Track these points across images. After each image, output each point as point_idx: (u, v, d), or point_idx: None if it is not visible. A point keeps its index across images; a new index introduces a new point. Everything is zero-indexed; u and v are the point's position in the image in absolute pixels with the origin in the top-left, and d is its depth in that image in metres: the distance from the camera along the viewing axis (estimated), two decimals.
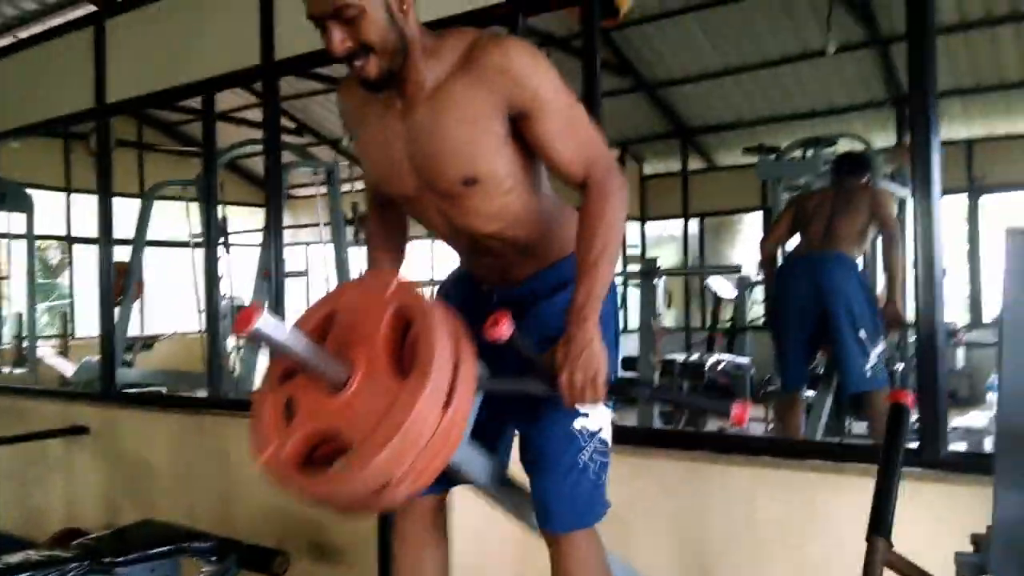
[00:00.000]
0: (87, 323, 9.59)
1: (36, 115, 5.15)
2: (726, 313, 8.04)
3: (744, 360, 6.68)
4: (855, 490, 1.74)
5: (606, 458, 1.66)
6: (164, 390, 5.98)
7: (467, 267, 1.82)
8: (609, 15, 3.97)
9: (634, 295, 8.12)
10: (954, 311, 7.44)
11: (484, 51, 1.47)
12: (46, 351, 7.75)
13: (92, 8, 4.85)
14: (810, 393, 4.39)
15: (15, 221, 7.72)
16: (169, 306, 9.79)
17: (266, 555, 2.70)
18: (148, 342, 8.17)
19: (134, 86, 4.51)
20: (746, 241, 9.85)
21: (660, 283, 4.81)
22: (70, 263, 9.95)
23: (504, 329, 1.40)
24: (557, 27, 6.16)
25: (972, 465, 2.14)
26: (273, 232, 3.96)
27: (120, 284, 5.62)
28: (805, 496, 2.36)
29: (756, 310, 7.63)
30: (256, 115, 7.81)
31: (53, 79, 5.04)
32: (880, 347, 3.95)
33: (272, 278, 3.95)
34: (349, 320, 1.40)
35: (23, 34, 5.69)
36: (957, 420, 4.00)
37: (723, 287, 7.88)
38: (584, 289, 1.49)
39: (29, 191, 7.61)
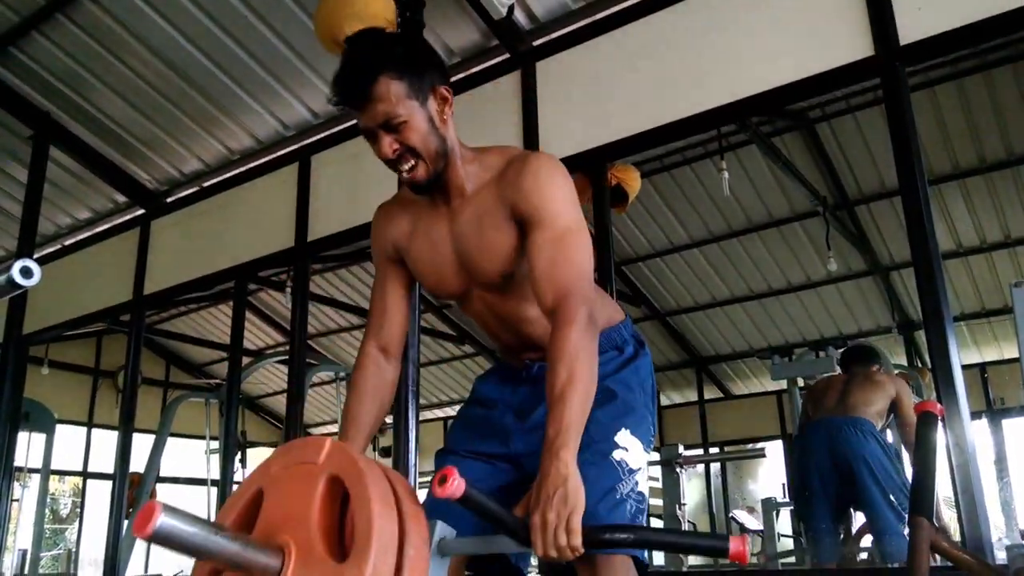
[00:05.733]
0: (91, 567, 9.32)
1: (78, 311, 5.50)
2: (755, 546, 7.71)
3: None
4: None
5: (643, 505, 1.58)
6: None
7: (508, 356, 1.85)
8: (618, 202, 4.25)
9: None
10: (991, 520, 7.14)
11: (513, 163, 1.64)
12: None
13: (139, 212, 5.40)
14: None
15: (34, 444, 7.66)
16: None
17: None
18: None
19: (171, 277, 4.90)
20: (769, 473, 9.68)
21: (683, 475, 4.70)
22: (80, 513, 9.79)
23: (452, 487, 1.18)
24: None
25: None
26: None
27: (132, 494, 5.54)
28: None
29: (785, 543, 7.33)
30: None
31: (95, 277, 5.44)
32: None
33: None
34: (280, 495, 1.23)
35: (69, 241, 6.15)
36: None
37: (749, 519, 7.62)
38: (554, 423, 1.38)
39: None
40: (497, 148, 1.71)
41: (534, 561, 3.15)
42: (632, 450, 1.59)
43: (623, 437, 1.60)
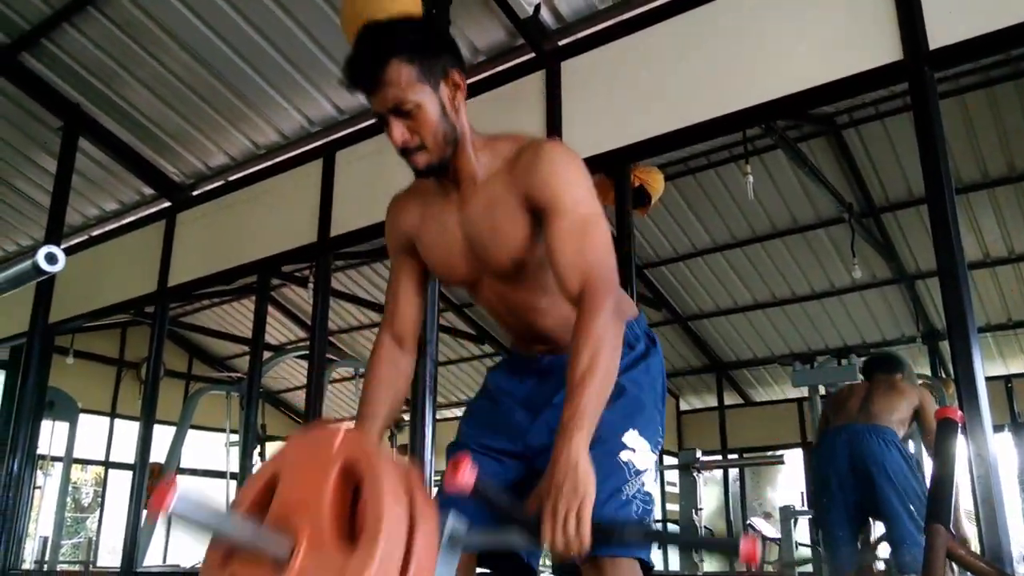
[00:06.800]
0: (110, 555, 9.42)
1: (103, 301, 5.57)
2: (771, 554, 7.66)
3: None
4: None
5: (650, 507, 1.58)
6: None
7: (518, 346, 1.84)
8: (640, 204, 4.24)
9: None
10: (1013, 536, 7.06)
11: (525, 151, 1.60)
12: None
13: (166, 204, 5.48)
14: None
15: (57, 432, 7.74)
16: (195, 537, 9.63)
17: None
18: None
19: (195, 270, 4.96)
20: (787, 481, 9.62)
21: (700, 480, 4.68)
22: (102, 502, 9.90)
23: (464, 476, 1.21)
24: None
25: None
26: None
27: (153, 484, 5.59)
28: None
29: (803, 552, 7.27)
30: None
31: (121, 268, 5.51)
32: None
33: None
34: (294, 481, 1.25)
35: (96, 232, 6.23)
36: None
37: (767, 527, 7.58)
38: (571, 405, 1.39)
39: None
40: (509, 135, 1.67)
41: (548, 561, 3.14)
42: (639, 451, 1.58)
43: (631, 437, 1.58)
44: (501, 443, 1.73)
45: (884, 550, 4.14)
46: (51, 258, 1.55)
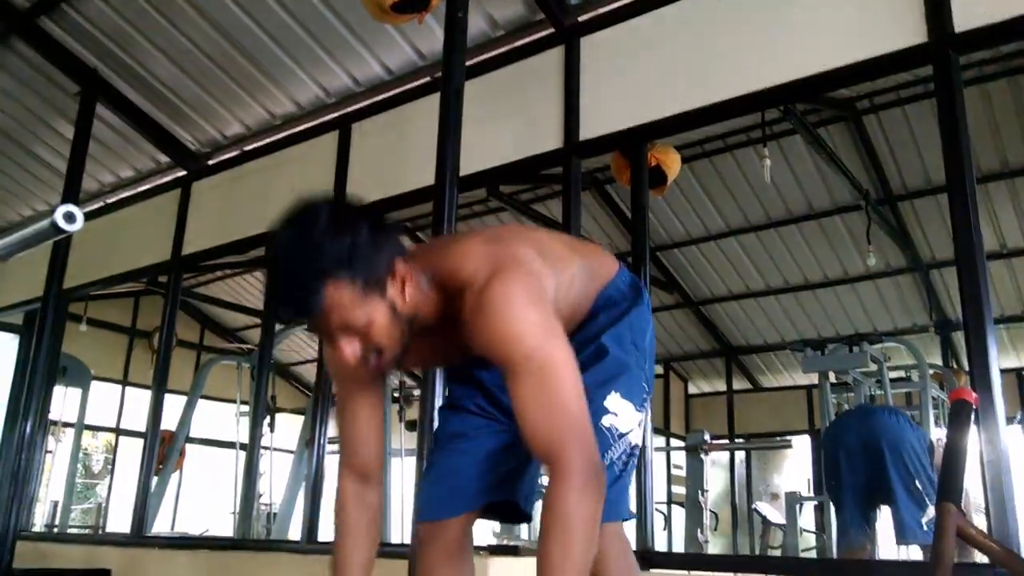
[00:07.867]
0: (119, 521, 9.52)
1: (117, 268, 5.63)
2: (775, 539, 7.68)
3: None
4: None
5: (632, 460, 1.61)
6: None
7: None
8: (656, 184, 4.24)
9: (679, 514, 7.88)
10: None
11: (468, 299, 1.40)
12: None
13: (181, 173, 5.51)
14: None
15: (69, 398, 7.78)
16: (203, 506, 9.73)
17: None
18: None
19: (209, 240, 5.01)
20: (794, 467, 9.62)
21: (706, 460, 4.69)
22: (112, 469, 9.98)
23: None
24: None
25: None
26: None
27: (163, 451, 5.66)
28: None
29: (807, 538, 7.29)
30: None
31: (135, 236, 5.57)
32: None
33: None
34: None
35: (111, 199, 6.26)
36: None
37: (772, 511, 7.58)
38: None
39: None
40: (448, 265, 1.47)
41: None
42: (622, 414, 1.56)
43: (613, 401, 1.56)
44: (483, 402, 1.71)
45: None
46: (69, 217, 1.55)
